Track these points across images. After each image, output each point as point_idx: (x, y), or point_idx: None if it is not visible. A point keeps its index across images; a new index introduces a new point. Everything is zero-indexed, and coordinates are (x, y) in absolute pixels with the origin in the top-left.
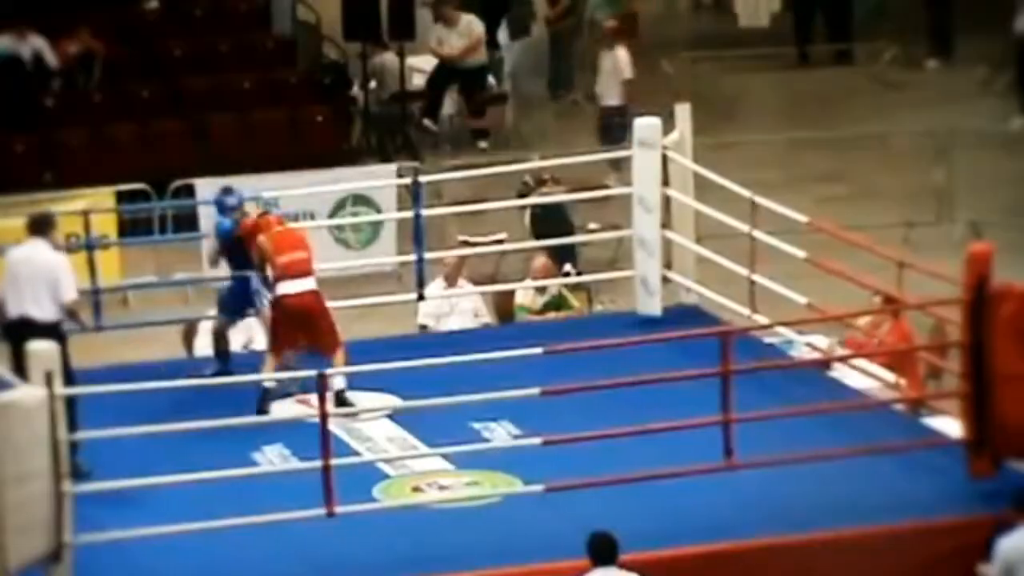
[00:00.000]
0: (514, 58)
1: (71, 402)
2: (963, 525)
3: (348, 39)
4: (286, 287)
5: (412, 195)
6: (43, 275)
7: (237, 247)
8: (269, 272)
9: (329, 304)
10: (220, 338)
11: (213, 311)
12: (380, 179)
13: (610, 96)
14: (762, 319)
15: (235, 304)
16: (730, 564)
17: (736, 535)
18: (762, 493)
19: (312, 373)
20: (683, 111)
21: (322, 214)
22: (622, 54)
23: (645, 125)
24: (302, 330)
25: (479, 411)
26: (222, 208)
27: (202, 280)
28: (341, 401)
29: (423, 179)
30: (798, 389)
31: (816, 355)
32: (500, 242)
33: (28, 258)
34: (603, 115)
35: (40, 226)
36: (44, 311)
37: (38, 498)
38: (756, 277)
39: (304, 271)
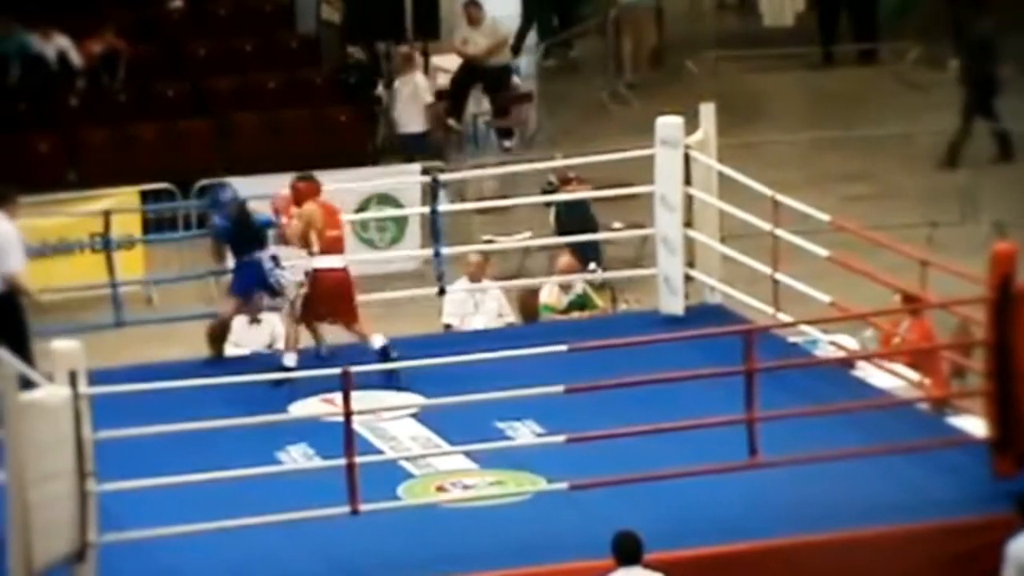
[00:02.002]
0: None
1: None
2: (987, 524)
3: (374, 39)
4: (329, 261)
5: (431, 192)
6: None
7: (240, 234)
8: (313, 242)
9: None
10: (224, 328)
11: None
12: (404, 178)
13: (412, 123)
14: (786, 318)
15: (245, 286)
16: (754, 563)
17: (760, 534)
18: (786, 492)
19: (335, 371)
20: (707, 110)
21: (347, 213)
22: (421, 79)
23: (668, 124)
24: (332, 304)
25: (503, 410)
26: (217, 204)
27: (224, 272)
28: (385, 356)
29: (446, 178)
30: (822, 388)
31: (840, 354)
32: (525, 241)
33: None
34: (403, 142)
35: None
36: None
37: (62, 497)
38: (779, 276)
39: (340, 248)
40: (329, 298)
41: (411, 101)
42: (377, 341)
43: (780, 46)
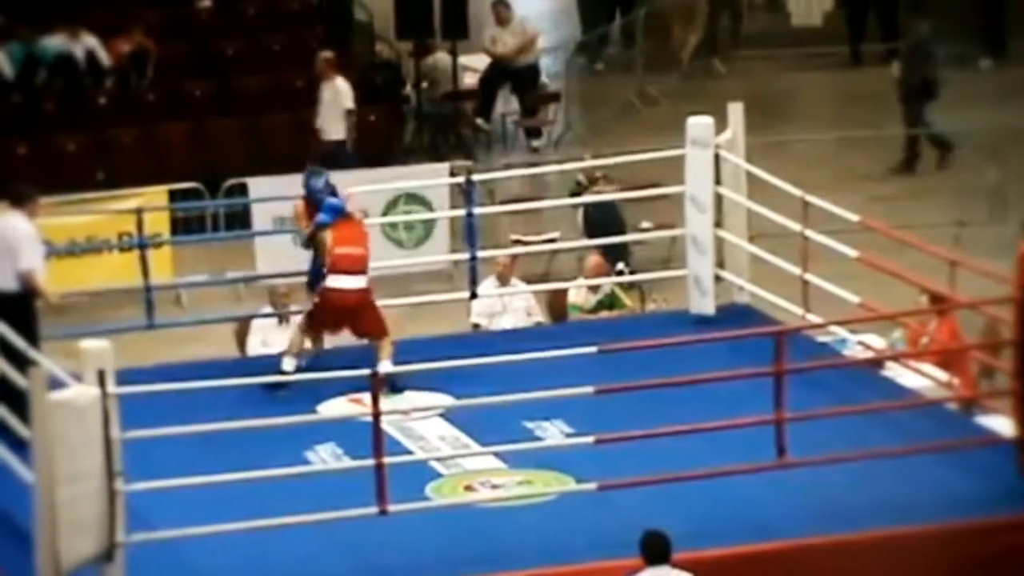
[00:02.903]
0: None
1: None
2: (1016, 524)
3: (401, 38)
4: (336, 281)
5: (464, 194)
6: (7, 245)
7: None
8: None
9: (381, 303)
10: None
11: (266, 308)
12: (433, 178)
13: (332, 129)
14: (815, 318)
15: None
16: (782, 563)
17: (789, 534)
18: (815, 492)
19: (364, 372)
20: (735, 110)
21: (375, 213)
22: (342, 84)
23: (698, 124)
24: (343, 323)
25: (532, 410)
26: (319, 192)
27: (255, 278)
28: (392, 387)
29: (476, 178)
30: (851, 388)
31: (869, 354)
32: (553, 241)
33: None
34: (324, 149)
35: (17, 198)
36: (7, 281)
37: (90, 497)
38: (809, 276)
39: (356, 268)
40: (334, 317)
41: (331, 108)
42: (385, 367)
43: (808, 46)
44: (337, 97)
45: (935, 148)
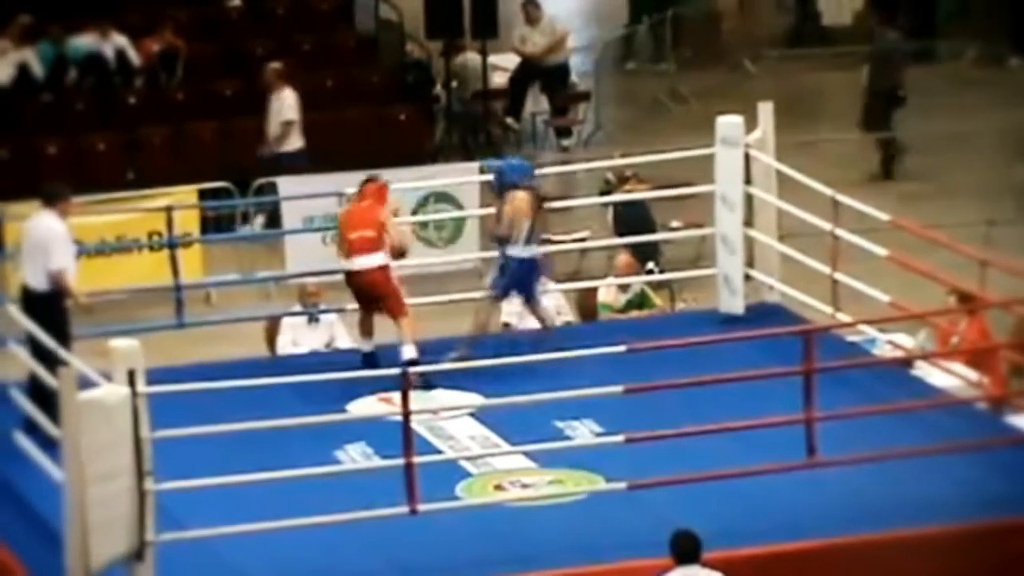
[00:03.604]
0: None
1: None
2: None
3: (431, 37)
4: (351, 263)
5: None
6: (38, 244)
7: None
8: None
9: (411, 301)
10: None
11: (296, 307)
12: (463, 177)
13: (284, 141)
14: (845, 317)
15: (519, 282)
16: (812, 562)
17: (818, 533)
18: (844, 491)
19: (394, 371)
20: (765, 109)
21: (405, 212)
22: (288, 94)
23: (728, 123)
24: (371, 300)
25: (562, 409)
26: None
27: (285, 277)
28: (426, 384)
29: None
30: (881, 387)
31: (898, 353)
32: (582, 240)
33: (31, 228)
34: (279, 159)
35: (50, 198)
36: (38, 280)
37: (120, 496)
38: (838, 275)
39: (369, 247)
40: (363, 296)
41: (279, 118)
42: (408, 352)
43: (838, 45)
44: (282, 108)
45: (886, 153)
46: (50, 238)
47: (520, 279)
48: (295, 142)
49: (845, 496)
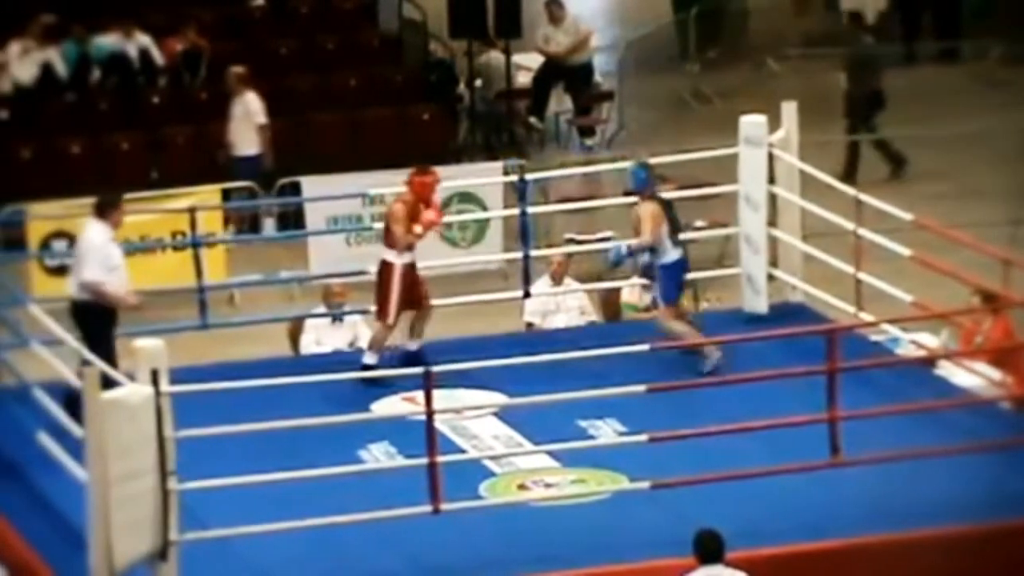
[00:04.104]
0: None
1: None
2: None
3: (454, 37)
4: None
5: (518, 193)
6: (78, 254)
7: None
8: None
9: (435, 301)
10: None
11: (319, 308)
12: (486, 177)
13: (244, 145)
14: (868, 317)
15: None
16: (836, 562)
17: (842, 533)
18: (868, 491)
19: (417, 371)
20: (789, 109)
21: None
22: (252, 98)
23: (752, 123)
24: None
25: (585, 408)
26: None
27: (309, 278)
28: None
29: (529, 177)
30: (904, 387)
31: (922, 353)
32: (606, 240)
33: (79, 239)
34: (236, 164)
35: (99, 208)
36: (75, 290)
37: (144, 496)
38: (862, 275)
39: (385, 241)
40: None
41: (242, 122)
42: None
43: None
44: (248, 111)
45: (886, 160)
46: (86, 249)
47: (679, 280)
48: (255, 146)
49: (868, 496)
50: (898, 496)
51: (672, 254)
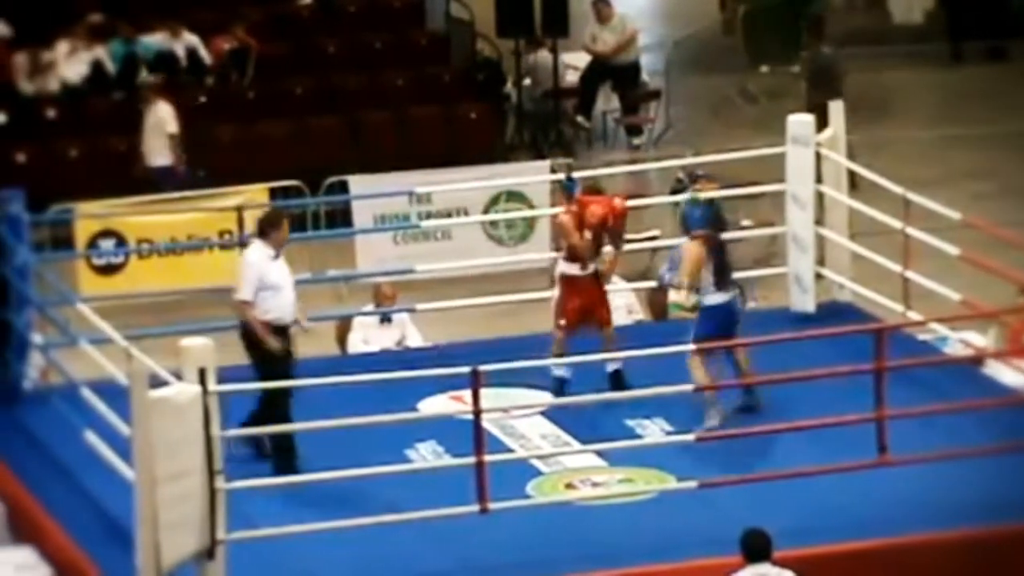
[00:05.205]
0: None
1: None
2: None
3: (502, 36)
4: None
5: (566, 191)
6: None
7: (720, 260)
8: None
9: (482, 300)
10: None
11: (367, 307)
12: (534, 176)
13: (157, 155)
14: (916, 316)
15: (711, 330)
16: (884, 561)
17: (889, 532)
18: (915, 490)
19: (464, 370)
20: (836, 108)
21: (476, 210)
22: (164, 108)
23: (799, 122)
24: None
25: (632, 408)
26: (698, 221)
27: (356, 276)
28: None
29: (576, 175)
30: (952, 386)
31: (969, 352)
32: (653, 239)
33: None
34: (153, 175)
35: (261, 229)
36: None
37: (192, 495)
38: (909, 274)
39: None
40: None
41: (154, 132)
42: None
43: (909, 43)
44: (159, 122)
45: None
46: (240, 269)
47: (713, 327)
48: (166, 156)
49: (916, 495)
50: (945, 495)
51: (715, 297)
